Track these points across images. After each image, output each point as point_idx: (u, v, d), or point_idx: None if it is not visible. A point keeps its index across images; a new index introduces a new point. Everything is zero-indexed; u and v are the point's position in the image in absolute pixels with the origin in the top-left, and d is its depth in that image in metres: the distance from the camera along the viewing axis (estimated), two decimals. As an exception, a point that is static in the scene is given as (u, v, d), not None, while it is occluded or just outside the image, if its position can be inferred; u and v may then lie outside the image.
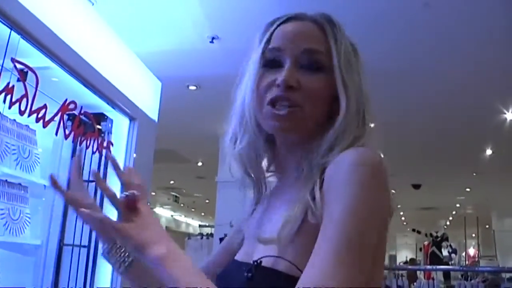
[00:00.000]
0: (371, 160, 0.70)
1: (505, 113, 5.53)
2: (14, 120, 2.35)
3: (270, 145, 0.90)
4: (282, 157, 0.89)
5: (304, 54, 0.82)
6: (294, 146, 0.85)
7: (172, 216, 18.99)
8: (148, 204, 0.81)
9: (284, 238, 0.72)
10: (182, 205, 15.92)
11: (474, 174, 8.92)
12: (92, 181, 2.62)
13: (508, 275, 6.04)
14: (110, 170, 2.69)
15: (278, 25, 0.86)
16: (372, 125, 0.85)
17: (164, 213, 18.00)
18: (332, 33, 0.84)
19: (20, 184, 2.46)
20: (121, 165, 2.68)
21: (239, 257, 0.87)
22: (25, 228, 2.43)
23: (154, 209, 16.39)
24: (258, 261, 0.73)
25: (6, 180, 2.36)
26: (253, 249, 0.81)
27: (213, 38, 4.02)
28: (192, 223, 19.96)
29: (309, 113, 0.80)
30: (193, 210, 17.66)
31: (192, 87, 5.28)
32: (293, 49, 0.82)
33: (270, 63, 0.84)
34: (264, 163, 0.93)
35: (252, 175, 0.93)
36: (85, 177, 2.62)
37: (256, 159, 0.91)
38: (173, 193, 14.20)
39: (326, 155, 0.77)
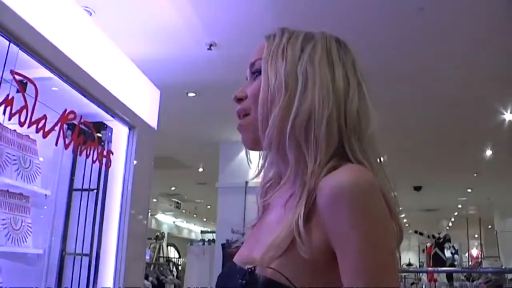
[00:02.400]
0: (367, 187, 0.72)
1: (504, 114, 5.54)
2: (15, 130, 2.37)
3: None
4: (276, 160, 0.92)
5: (250, 68, 0.92)
6: (276, 157, 0.88)
7: (174, 222, 18.98)
8: None
9: (266, 263, 0.74)
10: (183, 211, 15.90)
11: (475, 174, 8.91)
12: (91, 190, 2.63)
13: (511, 275, 6.03)
14: (110, 180, 2.73)
15: None
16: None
17: (166, 219, 17.99)
18: (272, 39, 0.89)
19: (21, 194, 2.48)
20: (121, 175, 2.67)
21: (237, 259, 0.89)
22: (27, 237, 2.44)
23: (156, 216, 16.41)
24: (252, 269, 0.75)
25: (8, 190, 2.38)
26: (250, 254, 0.84)
27: (210, 45, 4.04)
28: (194, 229, 19.93)
29: (255, 115, 0.86)
30: (195, 216, 17.63)
31: (191, 94, 5.30)
32: (247, 70, 0.93)
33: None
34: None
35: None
36: (85, 186, 2.64)
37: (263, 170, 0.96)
38: (174, 200, 14.19)
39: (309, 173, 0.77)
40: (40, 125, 2.10)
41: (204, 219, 18.35)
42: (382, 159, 0.84)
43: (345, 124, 0.80)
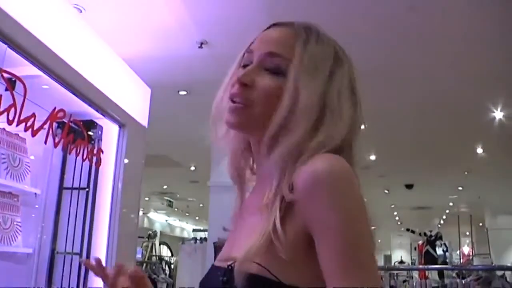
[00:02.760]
0: (342, 175, 0.73)
1: (494, 112, 5.57)
2: (4, 129, 2.36)
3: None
4: (256, 159, 0.91)
5: (267, 56, 0.84)
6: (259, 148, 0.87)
7: (166, 221, 18.95)
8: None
9: (248, 259, 0.73)
10: (176, 209, 15.89)
11: (466, 173, 8.97)
12: (81, 188, 2.61)
13: (500, 272, 6.07)
14: (101, 178, 2.72)
15: (264, 31, 0.90)
16: (362, 126, 0.86)
17: (158, 218, 17.96)
18: (303, 40, 0.84)
19: (11, 192, 2.47)
20: (111, 174, 2.64)
21: (217, 262, 0.88)
22: (17, 236, 2.43)
23: (148, 214, 16.38)
24: (232, 265, 0.75)
25: (-3, 189, 2.37)
26: (229, 254, 0.83)
27: (201, 43, 4.04)
28: (186, 228, 19.93)
29: (259, 112, 0.81)
30: (187, 214, 17.63)
31: (183, 92, 5.29)
32: (260, 52, 0.85)
33: (245, 64, 0.87)
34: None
35: (237, 174, 0.96)
36: (76, 185, 2.62)
37: (238, 159, 0.95)
38: (166, 198, 14.17)
39: (286, 167, 0.77)
40: (29, 123, 2.09)
41: (197, 218, 18.35)
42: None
43: (351, 150, 0.82)
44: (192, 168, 9.54)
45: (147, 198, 13.55)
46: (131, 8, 3.56)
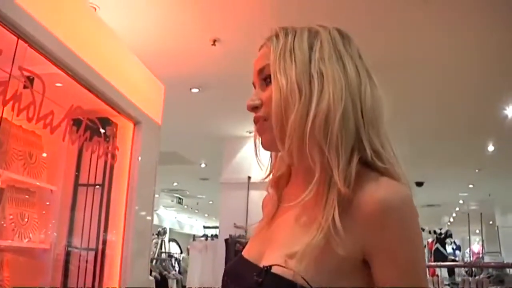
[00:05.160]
0: (410, 208, 0.77)
1: (506, 109, 5.54)
2: (20, 126, 2.39)
3: None
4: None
5: (259, 75, 0.90)
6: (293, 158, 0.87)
7: (176, 218, 19.02)
8: None
9: (306, 264, 0.74)
10: (185, 206, 15.94)
11: (477, 170, 8.92)
12: (96, 185, 2.65)
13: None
14: (116, 175, 2.75)
15: None
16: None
17: (167, 215, 18.03)
18: (275, 39, 0.88)
19: (27, 189, 2.50)
20: (126, 171, 2.67)
21: (247, 254, 0.89)
22: (33, 232, 2.46)
23: (158, 211, 16.43)
24: (268, 267, 0.76)
25: (14, 186, 2.40)
26: (262, 251, 0.84)
27: (214, 41, 4.05)
28: (195, 225, 19.97)
29: (275, 121, 0.84)
30: (196, 211, 17.68)
31: (195, 90, 5.31)
32: (254, 76, 0.91)
33: None
34: None
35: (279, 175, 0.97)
36: (91, 181, 2.66)
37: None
38: (176, 195, 14.22)
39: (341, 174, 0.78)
40: (48, 121, 2.11)
41: (206, 215, 18.40)
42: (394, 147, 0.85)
43: (362, 116, 0.81)
44: (203, 165, 9.56)
45: (157, 195, 13.58)
46: (145, 6, 3.58)
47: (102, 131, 2.64)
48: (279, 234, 0.86)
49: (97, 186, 2.76)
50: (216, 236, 7.67)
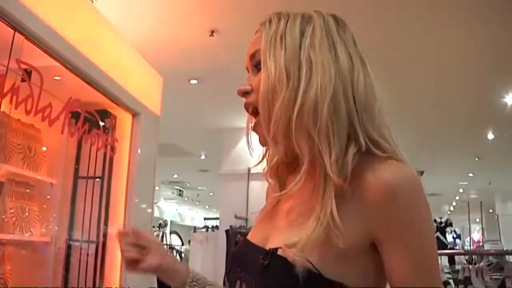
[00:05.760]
0: (417, 189, 0.76)
1: (505, 97, 5.53)
2: (19, 120, 2.38)
3: None
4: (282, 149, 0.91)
5: (250, 60, 0.89)
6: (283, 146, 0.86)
7: (176, 210, 19.06)
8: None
9: (309, 253, 0.74)
10: (186, 198, 15.97)
11: (477, 159, 8.92)
12: (96, 178, 2.64)
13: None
14: (115, 167, 2.75)
15: None
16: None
17: (168, 207, 18.06)
18: (267, 25, 0.86)
19: (27, 182, 2.49)
20: (125, 163, 2.67)
21: (253, 238, 0.89)
22: (34, 225, 2.46)
23: (158, 204, 16.47)
24: (274, 249, 0.77)
25: (14, 179, 2.39)
26: (266, 237, 0.85)
27: (212, 31, 4.03)
28: (196, 217, 20.02)
29: (261, 108, 0.83)
30: (197, 203, 17.71)
31: (193, 81, 5.29)
32: (247, 61, 0.90)
33: None
34: None
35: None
36: (91, 174, 2.65)
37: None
38: (177, 187, 14.24)
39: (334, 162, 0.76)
40: (46, 113, 2.11)
41: (207, 206, 18.44)
42: (393, 136, 0.84)
43: (355, 104, 0.79)
44: (202, 157, 9.57)
45: (157, 188, 13.60)
46: (142, -3, 3.56)
47: (101, 123, 2.64)
48: (279, 222, 0.86)
49: (97, 179, 2.75)
50: (217, 227, 7.69)
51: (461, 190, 12.96)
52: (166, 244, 11.90)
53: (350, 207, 0.75)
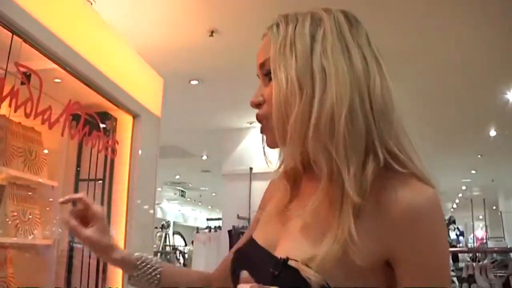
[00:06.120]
0: (439, 211, 0.74)
1: (507, 94, 5.51)
2: (19, 123, 2.38)
3: None
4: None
5: (260, 70, 0.84)
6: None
7: (179, 210, 19.07)
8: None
9: (323, 270, 0.71)
10: (188, 199, 15.98)
11: (479, 156, 8.90)
12: (97, 180, 2.63)
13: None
14: (116, 169, 2.74)
15: None
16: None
17: (171, 208, 18.08)
18: (275, 29, 0.82)
19: (28, 185, 2.49)
20: (127, 165, 2.67)
21: (259, 239, 0.87)
22: (36, 228, 2.46)
23: (161, 205, 16.48)
24: (285, 259, 0.74)
25: (15, 182, 2.39)
26: (275, 241, 0.82)
27: (212, 32, 4.02)
28: (199, 217, 20.04)
29: (275, 119, 0.78)
30: (200, 204, 17.72)
31: (194, 82, 5.29)
32: (257, 69, 0.85)
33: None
34: None
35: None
36: (92, 176, 2.65)
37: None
38: (179, 188, 14.25)
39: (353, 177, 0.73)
40: (46, 116, 2.10)
41: (209, 207, 18.45)
42: (414, 144, 0.81)
43: (372, 111, 0.75)
44: (204, 157, 9.57)
45: (159, 189, 13.62)
46: (141, -1, 3.56)
47: (102, 125, 2.63)
48: (290, 230, 0.82)
49: (98, 181, 2.75)
50: (219, 227, 7.69)
51: (464, 187, 12.93)
52: (169, 245, 11.90)
53: (367, 223, 0.73)
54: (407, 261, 0.72)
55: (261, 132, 0.85)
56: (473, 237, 14.18)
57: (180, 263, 9.65)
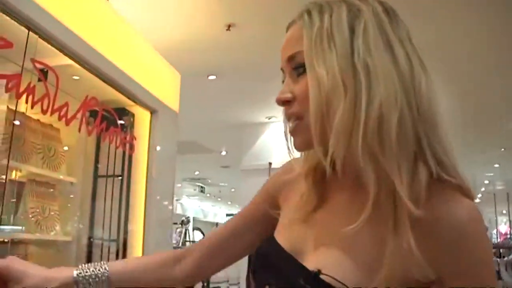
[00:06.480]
0: (483, 223, 0.71)
1: (531, 85, 5.40)
2: (38, 120, 2.39)
3: None
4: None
5: (288, 63, 0.76)
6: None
7: (199, 206, 19.18)
8: None
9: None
10: (208, 195, 16.06)
11: (503, 149, 8.75)
12: (116, 176, 2.63)
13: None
14: (135, 165, 2.74)
15: None
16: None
17: (190, 204, 18.19)
18: (307, 21, 0.73)
19: (47, 182, 2.50)
20: (145, 161, 2.66)
21: (281, 240, 0.81)
22: (55, 225, 2.47)
23: (181, 201, 16.58)
24: (317, 271, 0.69)
25: (34, 179, 2.40)
26: (303, 248, 0.77)
27: (229, 26, 4.00)
28: (219, 213, 20.13)
29: (314, 123, 0.70)
30: (219, 199, 17.80)
31: (212, 77, 5.28)
32: (283, 62, 0.77)
33: (283, 81, 0.79)
34: None
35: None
36: (110, 172, 2.65)
37: None
38: (198, 184, 14.32)
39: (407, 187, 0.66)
40: (62, 112, 2.10)
41: (229, 202, 18.52)
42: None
43: (419, 115, 0.68)
44: (223, 153, 9.58)
45: (179, 185, 13.70)
46: (157, -6, 3.55)
47: (119, 121, 2.63)
48: (322, 238, 0.76)
49: (117, 177, 2.75)
50: (239, 223, 7.69)
51: (487, 182, 12.73)
52: (189, 241, 11.96)
53: (420, 238, 0.66)
54: (454, 278, 0.67)
55: (292, 133, 0.76)
56: (497, 232, 13.97)
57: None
